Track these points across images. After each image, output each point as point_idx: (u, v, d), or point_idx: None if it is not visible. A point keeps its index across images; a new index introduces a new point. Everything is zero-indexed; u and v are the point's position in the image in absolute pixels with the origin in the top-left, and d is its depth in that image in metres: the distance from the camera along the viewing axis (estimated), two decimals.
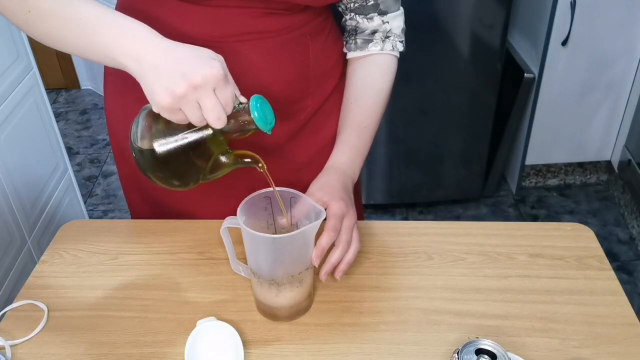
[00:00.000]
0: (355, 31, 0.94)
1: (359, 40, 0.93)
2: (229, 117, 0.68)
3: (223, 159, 0.73)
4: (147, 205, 1.01)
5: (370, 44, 0.92)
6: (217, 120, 0.66)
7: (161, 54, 0.66)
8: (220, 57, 0.69)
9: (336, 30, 0.97)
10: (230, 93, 0.67)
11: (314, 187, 0.85)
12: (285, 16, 0.85)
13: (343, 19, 0.95)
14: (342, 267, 0.79)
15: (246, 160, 0.74)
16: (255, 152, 0.75)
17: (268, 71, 0.86)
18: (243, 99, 0.71)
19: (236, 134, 0.71)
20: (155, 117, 0.70)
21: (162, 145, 0.70)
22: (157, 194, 0.98)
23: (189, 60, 0.65)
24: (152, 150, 0.70)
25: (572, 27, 1.96)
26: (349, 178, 0.88)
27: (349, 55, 0.96)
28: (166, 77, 0.64)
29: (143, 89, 0.66)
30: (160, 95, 0.65)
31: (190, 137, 0.70)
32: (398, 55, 0.95)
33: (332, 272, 0.80)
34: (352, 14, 0.93)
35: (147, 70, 0.65)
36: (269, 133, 0.70)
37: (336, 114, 0.97)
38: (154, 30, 0.68)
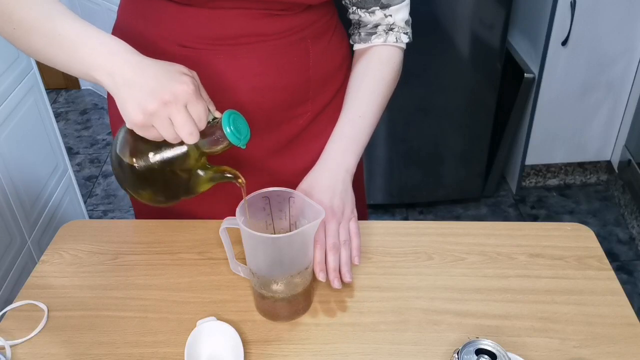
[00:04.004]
0: (359, 24, 0.93)
1: (362, 33, 0.93)
2: (203, 133, 0.69)
3: (202, 174, 0.73)
4: (151, 207, 1.01)
5: (373, 37, 0.92)
6: (189, 135, 0.66)
7: (132, 71, 0.66)
8: (194, 73, 0.70)
9: (341, 32, 0.96)
10: (201, 108, 0.67)
11: (301, 186, 0.85)
12: (285, 18, 0.84)
13: (347, 12, 0.95)
14: (344, 269, 0.79)
15: (226, 175, 0.74)
16: (255, 157, 0.75)
17: (266, 76, 0.86)
18: (218, 114, 0.71)
19: (211, 149, 0.71)
20: (134, 133, 0.71)
21: (140, 161, 0.70)
22: None
23: (158, 76, 0.66)
24: (132, 166, 0.71)
25: (572, 27, 1.96)
26: (341, 170, 0.86)
27: (354, 47, 0.95)
28: (137, 93, 0.65)
29: (117, 105, 0.67)
30: (132, 112, 0.65)
31: (168, 152, 0.70)
32: (403, 46, 0.94)
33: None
34: (354, 7, 0.92)
35: (119, 87, 0.66)
36: (244, 147, 0.70)
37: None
38: (128, 47, 0.68)
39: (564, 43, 2.00)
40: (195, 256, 0.89)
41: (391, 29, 0.91)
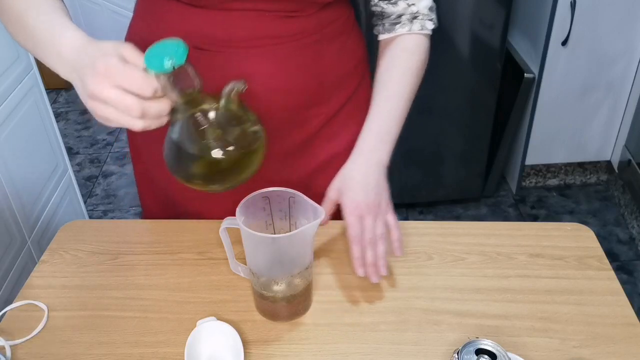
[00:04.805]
0: (382, 16, 0.92)
1: (386, 24, 0.91)
2: (163, 91, 0.63)
3: (216, 115, 0.67)
4: (159, 204, 1.02)
5: (398, 26, 0.90)
6: (129, 108, 0.61)
7: (76, 73, 0.65)
8: (119, 47, 0.64)
9: (357, 34, 0.95)
10: (129, 74, 0.61)
11: (335, 183, 0.85)
12: (298, 19, 0.83)
13: (369, 4, 0.93)
14: (380, 263, 0.79)
15: (235, 89, 0.67)
16: (271, 157, 0.72)
17: (279, 79, 0.85)
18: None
19: (183, 88, 0.63)
20: (168, 140, 0.68)
21: (179, 154, 0.67)
22: (170, 193, 0.98)
23: (86, 71, 0.63)
24: (186, 161, 0.68)
25: (572, 27, 1.96)
26: (374, 164, 0.86)
27: (379, 37, 0.94)
28: (80, 93, 0.65)
29: None
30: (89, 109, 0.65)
31: (175, 129, 0.66)
32: (429, 33, 0.93)
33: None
34: (376, 0, 0.91)
35: (76, 88, 0.67)
36: (184, 61, 0.61)
37: (355, 119, 0.94)
38: (76, 43, 0.66)
39: (564, 43, 2.00)
40: (195, 256, 0.89)
41: (415, 17, 0.90)
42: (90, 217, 2.24)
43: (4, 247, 1.44)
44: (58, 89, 3.17)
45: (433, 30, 0.95)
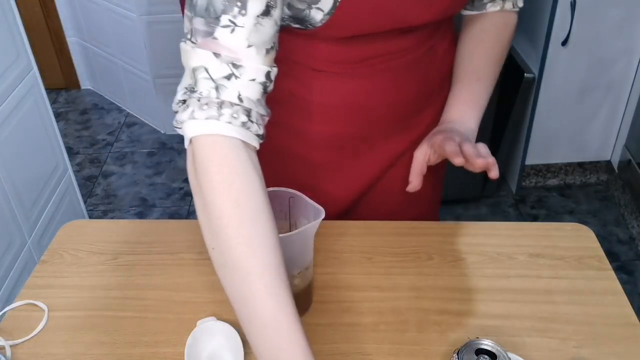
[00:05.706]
0: None
1: (476, 2, 0.90)
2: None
3: None
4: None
5: (489, 5, 0.89)
6: None
7: None
8: None
9: (454, 33, 0.95)
10: None
11: (424, 141, 0.85)
12: (413, 34, 0.83)
13: None
14: (490, 161, 0.74)
15: None
16: (377, 161, 0.80)
17: (393, 92, 0.85)
18: None
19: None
20: None
21: None
22: None
23: None
24: None
25: (572, 27, 1.96)
26: (464, 130, 0.85)
27: (464, 12, 0.93)
28: None
29: None
30: None
31: None
32: (518, 9, 0.92)
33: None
34: None
35: None
36: None
37: None
38: None
39: (564, 43, 2.00)
40: (195, 256, 0.89)
41: None
42: (90, 217, 2.24)
43: (4, 247, 1.44)
44: (58, 89, 3.16)
45: None
